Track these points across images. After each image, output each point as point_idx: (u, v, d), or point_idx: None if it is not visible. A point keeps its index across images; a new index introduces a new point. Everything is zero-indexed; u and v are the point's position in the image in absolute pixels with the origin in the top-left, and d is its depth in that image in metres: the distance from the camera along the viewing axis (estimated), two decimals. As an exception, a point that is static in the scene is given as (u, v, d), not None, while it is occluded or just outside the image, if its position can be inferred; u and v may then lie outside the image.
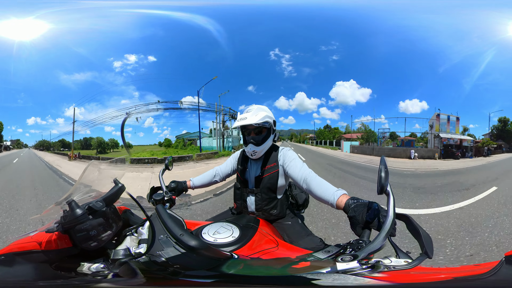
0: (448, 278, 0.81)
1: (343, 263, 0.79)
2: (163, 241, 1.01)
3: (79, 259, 0.99)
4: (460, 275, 0.84)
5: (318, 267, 0.81)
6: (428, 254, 0.78)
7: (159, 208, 1.03)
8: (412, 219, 0.87)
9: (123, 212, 1.21)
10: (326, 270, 0.79)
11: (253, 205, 1.59)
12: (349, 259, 0.80)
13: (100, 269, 0.94)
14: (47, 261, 0.98)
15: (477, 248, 2.90)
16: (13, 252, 1.00)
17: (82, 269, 0.96)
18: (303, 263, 0.86)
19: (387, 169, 0.86)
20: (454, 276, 0.82)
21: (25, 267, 0.97)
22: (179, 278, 0.85)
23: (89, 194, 1.12)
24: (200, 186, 1.80)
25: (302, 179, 1.34)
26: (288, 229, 1.54)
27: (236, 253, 0.94)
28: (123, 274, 0.88)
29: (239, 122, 1.48)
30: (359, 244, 0.86)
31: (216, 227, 1.17)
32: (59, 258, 0.99)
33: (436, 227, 3.64)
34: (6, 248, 1.03)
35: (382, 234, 0.79)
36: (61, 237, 0.98)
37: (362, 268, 0.78)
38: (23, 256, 0.99)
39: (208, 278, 0.83)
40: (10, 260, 0.98)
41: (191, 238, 0.82)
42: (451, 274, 0.85)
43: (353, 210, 0.99)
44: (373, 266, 0.78)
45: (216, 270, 0.83)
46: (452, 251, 2.84)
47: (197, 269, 0.86)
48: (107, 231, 0.98)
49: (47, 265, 0.97)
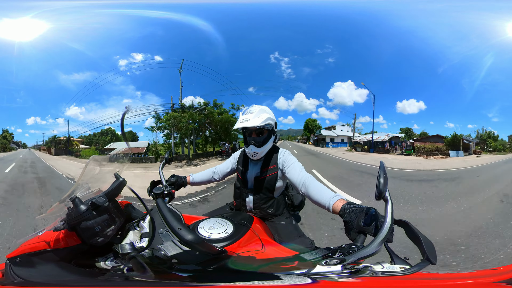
0: (458, 287, 0.78)
1: (324, 266, 0.79)
2: (162, 234, 1.03)
3: (89, 255, 1.01)
4: (478, 283, 0.79)
5: (300, 268, 0.81)
6: (431, 260, 0.75)
7: (159, 202, 1.04)
8: (412, 225, 0.85)
9: (125, 207, 1.22)
10: (299, 272, 0.79)
11: (251, 203, 1.62)
12: (334, 263, 0.79)
13: (114, 264, 0.96)
14: (63, 259, 0.98)
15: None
16: (27, 253, 1.01)
17: (100, 265, 0.97)
18: (288, 263, 0.87)
19: (386, 175, 0.84)
20: (462, 281, 0.79)
21: (46, 267, 0.98)
22: (172, 272, 0.86)
23: (91, 190, 1.13)
24: (199, 183, 1.83)
25: (301, 183, 1.35)
26: (280, 229, 1.56)
27: (227, 249, 0.95)
28: (134, 269, 0.90)
29: (241, 123, 1.49)
30: (351, 249, 0.85)
31: (211, 222, 1.19)
32: (73, 255, 1.00)
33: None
34: (18, 250, 1.03)
35: (378, 240, 0.77)
36: (69, 235, 0.99)
37: (341, 272, 0.76)
38: (38, 256, 0.99)
39: (195, 272, 0.85)
40: (28, 261, 0.99)
41: (188, 233, 0.83)
42: (460, 281, 0.80)
43: (348, 215, 0.98)
44: (357, 271, 0.77)
45: (206, 265, 0.85)
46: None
47: (189, 264, 0.88)
48: (111, 226, 0.99)
49: (67, 263, 0.98)
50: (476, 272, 0.92)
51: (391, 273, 0.76)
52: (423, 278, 0.80)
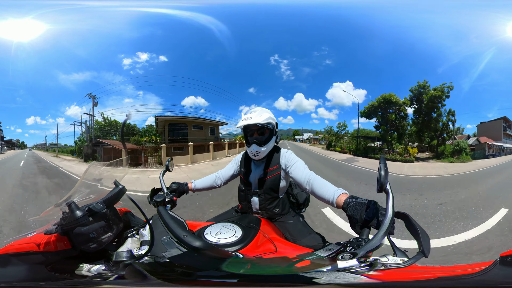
0: (436, 277, 0.82)
1: (343, 261, 0.80)
2: (166, 242, 1.01)
3: (78, 260, 0.98)
4: (449, 274, 0.85)
5: (320, 265, 0.82)
6: (425, 253, 0.79)
7: (161, 210, 1.03)
8: (411, 218, 0.88)
9: (124, 214, 1.21)
10: (327, 269, 0.80)
11: (257, 205, 1.63)
12: (348, 257, 0.81)
13: (101, 271, 0.93)
14: (43, 262, 0.96)
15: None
16: (10, 253, 0.99)
17: (81, 271, 0.94)
18: (304, 262, 0.87)
19: (386, 168, 0.86)
20: (443, 275, 0.83)
21: (19, 268, 0.96)
22: (196, 279, 0.84)
23: (89, 196, 1.11)
24: (201, 189, 1.82)
25: (306, 181, 1.37)
26: (290, 227, 1.57)
27: (241, 252, 0.94)
28: (128, 276, 0.88)
29: (244, 121, 1.52)
30: (359, 242, 0.87)
31: (218, 227, 1.17)
32: (57, 259, 0.98)
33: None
34: (2, 249, 1.01)
35: (381, 233, 0.80)
36: (60, 239, 0.97)
37: (361, 266, 0.78)
38: (20, 257, 0.97)
39: (223, 278, 0.83)
40: (4, 261, 0.97)
41: (195, 239, 0.82)
42: (440, 273, 0.86)
43: (351, 209, 1.00)
44: (371, 264, 0.79)
45: (225, 271, 0.83)
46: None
47: (206, 270, 0.86)
48: (108, 233, 0.98)
49: (42, 267, 0.96)
50: (455, 266, 0.95)
51: (396, 265, 0.79)
52: (416, 271, 0.83)
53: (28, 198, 6.50)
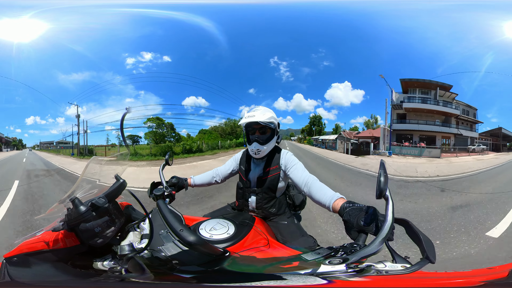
0: (454, 283, 0.78)
1: (328, 266, 0.79)
2: (163, 236, 1.03)
3: (87, 256, 1.00)
4: (472, 281, 0.80)
5: (304, 267, 0.81)
6: (430, 258, 0.75)
7: (160, 203, 1.04)
8: (412, 223, 0.85)
9: (125, 208, 1.22)
10: (304, 271, 0.78)
11: (254, 203, 1.63)
12: (337, 262, 0.79)
13: (112, 265, 0.95)
14: (61, 259, 0.98)
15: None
16: (24, 253, 1.00)
17: (97, 266, 0.97)
18: (291, 263, 0.87)
19: (386, 173, 0.84)
20: (458, 281, 0.79)
21: (42, 267, 0.97)
22: (173, 273, 0.86)
23: (91, 191, 1.12)
24: (200, 185, 1.83)
25: (304, 183, 1.37)
26: (283, 228, 1.57)
27: (229, 249, 0.94)
28: (132, 270, 0.89)
29: (247, 119, 1.53)
30: (353, 248, 0.85)
31: (213, 223, 1.19)
32: (71, 256, 1.00)
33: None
34: (16, 250, 1.03)
35: (379, 239, 0.78)
36: (68, 235, 0.99)
37: (347, 271, 0.76)
38: (36, 256, 0.98)
39: (197, 273, 0.84)
40: (24, 261, 0.98)
41: (190, 234, 0.83)
42: (457, 279, 0.81)
43: (347, 214, 0.98)
44: (361, 270, 0.77)
45: (208, 266, 0.85)
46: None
47: (190, 265, 0.88)
48: (111, 227, 0.99)
49: (63, 264, 0.97)
50: (473, 271, 0.92)
51: (394, 272, 0.77)
52: (423, 277, 0.81)
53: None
